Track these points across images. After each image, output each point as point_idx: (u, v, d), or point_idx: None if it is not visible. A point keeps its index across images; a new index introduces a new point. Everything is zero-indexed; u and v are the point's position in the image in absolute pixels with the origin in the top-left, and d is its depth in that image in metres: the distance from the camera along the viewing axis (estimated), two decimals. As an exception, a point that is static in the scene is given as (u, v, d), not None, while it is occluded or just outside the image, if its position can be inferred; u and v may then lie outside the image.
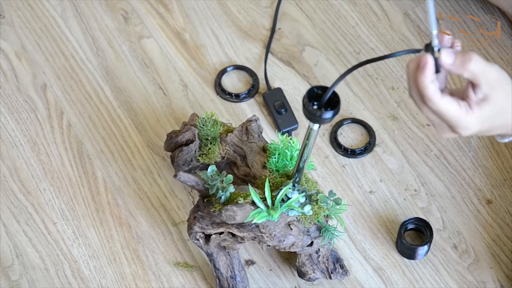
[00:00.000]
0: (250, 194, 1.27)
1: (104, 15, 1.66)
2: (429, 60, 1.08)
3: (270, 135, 1.53)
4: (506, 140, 1.18)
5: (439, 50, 1.09)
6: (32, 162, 1.51)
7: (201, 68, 1.61)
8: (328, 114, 1.12)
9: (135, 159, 1.52)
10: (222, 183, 1.30)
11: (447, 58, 1.09)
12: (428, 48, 1.09)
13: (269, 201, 1.27)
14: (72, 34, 1.64)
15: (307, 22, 1.65)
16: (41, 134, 1.54)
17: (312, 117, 1.13)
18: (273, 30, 1.63)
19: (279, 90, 1.57)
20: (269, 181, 1.31)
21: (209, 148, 1.39)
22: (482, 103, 1.10)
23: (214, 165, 1.32)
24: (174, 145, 1.41)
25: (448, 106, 1.10)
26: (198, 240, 1.33)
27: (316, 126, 1.19)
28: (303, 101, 1.13)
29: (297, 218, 1.30)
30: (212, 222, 1.31)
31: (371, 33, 1.63)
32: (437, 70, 1.09)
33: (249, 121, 1.39)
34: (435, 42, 1.09)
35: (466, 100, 1.11)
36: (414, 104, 1.13)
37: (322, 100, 1.12)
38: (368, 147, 1.52)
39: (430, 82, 1.08)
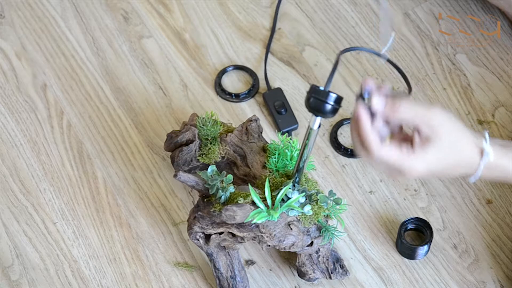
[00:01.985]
0: (250, 194, 1.27)
1: (104, 15, 1.66)
2: (361, 110, 1.11)
3: (270, 135, 1.53)
4: (473, 180, 1.17)
5: (368, 98, 1.11)
6: (32, 162, 1.51)
7: (201, 68, 1.61)
8: (332, 98, 1.14)
9: (135, 159, 1.52)
10: (222, 183, 1.30)
11: (377, 104, 1.11)
12: (358, 98, 1.12)
13: (269, 201, 1.27)
14: (72, 34, 1.64)
15: (307, 22, 1.65)
16: (41, 134, 1.54)
17: (318, 105, 1.15)
18: (273, 30, 1.63)
19: (279, 90, 1.57)
20: (269, 181, 1.31)
21: (209, 148, 1.39)
22: (425, 145, 1.11)
23: (214, 165, 1.32)
24: (174, 145, 1.41)
25: (388, 152, 1.11)
26: (198, 240, 1.33)
27: (316, 125, 1.19)
28: (309, 90, 1.15)
29: (297, 218, 1.30)
30: (212, 222, 1.31)
31: (371, 33, 1.63)
32: (372, 115, 1.11)
33: (249, 121, 1.39)
34: (364, 92, 1.11)
35: (411, 143, 1.12)
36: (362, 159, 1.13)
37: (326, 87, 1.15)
38: (368, 147, 1.51)
39: (369, 132, 1.11)
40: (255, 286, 1.41)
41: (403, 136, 1.14)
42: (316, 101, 1.15)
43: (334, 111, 1.16)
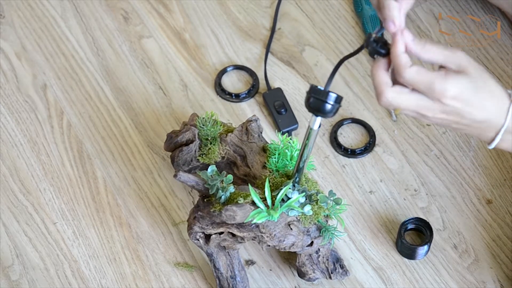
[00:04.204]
0: (250, 194, 1.27)
1: (104, 15, 1.66)
2: (398, 33, 1.11)
3: (270, 135, 1.53)
4: (493, 145, 1.16)
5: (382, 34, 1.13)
6: (32, 162, 1.51)
7: (201, 68, 1.61)
8: (332, 98, 1.14)
9: (135, 159, 1.52)
10: (222, 183, 1.30)
11: (408, 36, 1.11)
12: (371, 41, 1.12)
13: (269, 201, 1.27)
14: (72, 34, 1.64)
15: (307, 22, 1.65)
16: (41, 134, 1.54)
17: (318, 104, 1.15)
18: (273, 30, 1.63)
19: (279, 90, 1.57)
20: (269, 181, 1.31)
21: (209, 148, 1.39)
22: (457, 73, 1.11)
23: (214, 165, 1.32)
24: (174, 145, 1.41)
25: (421, 70, 1.11)
26: (198, 240, 1.33)
27: (316, 125, 1.19)
28: (308, 90, 1.15)
29: (297, 218, 1.30)
30: (212, 222, 1.31)
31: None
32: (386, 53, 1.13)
33: (249, 121, 1.39)
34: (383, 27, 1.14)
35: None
36: (381, 102, 1.13)
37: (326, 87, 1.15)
38: (368, 147, 1.52)
39: (402, 53, 1.11)
40: (255, 286, 1.41)
41: None
42: (316, 101, 1.15)
43: (334, 110, 1.16)
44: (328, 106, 1.15)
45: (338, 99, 1.15)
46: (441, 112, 1.13)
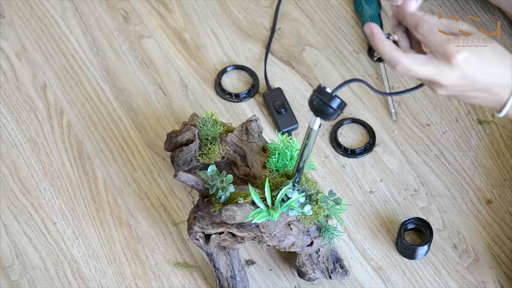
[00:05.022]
0: (250, 194, 1.27)
1: (104, 15, 1.66)
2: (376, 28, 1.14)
3: (270, 135, 1.54)
4: (504, 111, 1.17)
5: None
6: (32, 162, 1.51)
7: (201, 68, 1.61)
8: (335, 103, 1.14)
9: (135, 159, 1.52)
10: (222, 183, 1.30)
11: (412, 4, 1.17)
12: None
13: (269, 201, 1.27)
14: (72, 34, 1.64)
15: (307, 22, 1.65)
16: (41, 134, 1.54)
17: (320, 106, 1.15)
18: (273, 30, 1.63)
19: (279, 90, 1.57)
20: (269, 181, 1.31)
21: (209, 148, 1.39)
22: (461, 48, 1.12)
23: (214, 165, 1.32)
24: (174, 145, 1.41)
25: (436, 28, 1.14)
26: (198, 240, 1.33)
27: (316, 126, 1.19)
28: (315, 89, 1.15)
29: (297, 218, 1.30)
30: (212, 222, 1.31)
31: (371, 33, 1.63)
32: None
33: (249, 121, 1.39)
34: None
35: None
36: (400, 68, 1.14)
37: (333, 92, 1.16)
38: (368, 147, 1.52)
39: (384, 43, 1.13)
40: (255, 286, 1.41)
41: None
42: (320, 102, 1.15)
43: (335, 116, 1.15)
44: (330, 110, 1.15)
45: (342, 105, 1.15)
46: (457, 78, 1.13)
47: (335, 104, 1.14)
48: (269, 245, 1.31)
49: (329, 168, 1.51)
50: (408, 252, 1.41)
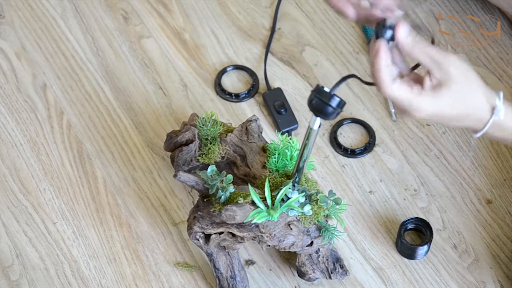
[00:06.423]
0: (250, 194, 1.27)
1: (104, 15, 1.66)
2: (382, 44, 1.12)
3: (270, 135, 1.53)
4: (478, 135, 1.17)
5: (393, 27, 1.13)
6: (32, 162, 1.51)
7: (201, 68, 1.61)
8: (335, 102, 1.14)
9: (135, 159, 1.52)
10: (222, 183, 1.30)
11: (403, 32, 1.12)
12: (379, 27, 1.13)
13: (269, 201, 1.27)
14: (72, 34, 1.64)
15: (307, 22, 1.65)
16: (41, 134, 1.54)
17: (320, 106, 1.15)
18: (273, 30, 1.63)
19: (279, 90, 1.57)
20: (269, 181, 1.31)
21: (209, 148, 1.39)
22: (436, 88, 1.12)
23: (214, 165, 1.32)
24: (174, 145, 1.41)
25: (399, 90, 1.12)
26: (198, 240, 1.33)
27: (316, 126, 1.19)
28: (314, 89, 1.15)
29: (297, 218, 1.30)
30: (212, 222, 1.31)
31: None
32: (392, 39, 1.13)
33: (249, 121, 1.39)
34: (387, 24, 1.13)
35: (422, 85, 1.13)
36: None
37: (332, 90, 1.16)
38: (368, 147, 1.52)
39: (385, 66, 1.12)
40: (255, 286, 1.41)
41: (416, 77, 1.15)
42: (319, 102, 1.15)
43: (335, 114, 1.16)
44: (330, 109, 1.15)
45: (341, 104, 1.15)
46: (430, 114, 1.15)
47: (334, 103, 1.15)
48: (269, 245, 1.31)
49: (329, 168, 1.51)
50: (408, 252, 1.41)
